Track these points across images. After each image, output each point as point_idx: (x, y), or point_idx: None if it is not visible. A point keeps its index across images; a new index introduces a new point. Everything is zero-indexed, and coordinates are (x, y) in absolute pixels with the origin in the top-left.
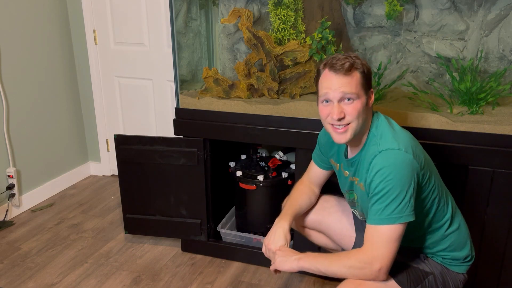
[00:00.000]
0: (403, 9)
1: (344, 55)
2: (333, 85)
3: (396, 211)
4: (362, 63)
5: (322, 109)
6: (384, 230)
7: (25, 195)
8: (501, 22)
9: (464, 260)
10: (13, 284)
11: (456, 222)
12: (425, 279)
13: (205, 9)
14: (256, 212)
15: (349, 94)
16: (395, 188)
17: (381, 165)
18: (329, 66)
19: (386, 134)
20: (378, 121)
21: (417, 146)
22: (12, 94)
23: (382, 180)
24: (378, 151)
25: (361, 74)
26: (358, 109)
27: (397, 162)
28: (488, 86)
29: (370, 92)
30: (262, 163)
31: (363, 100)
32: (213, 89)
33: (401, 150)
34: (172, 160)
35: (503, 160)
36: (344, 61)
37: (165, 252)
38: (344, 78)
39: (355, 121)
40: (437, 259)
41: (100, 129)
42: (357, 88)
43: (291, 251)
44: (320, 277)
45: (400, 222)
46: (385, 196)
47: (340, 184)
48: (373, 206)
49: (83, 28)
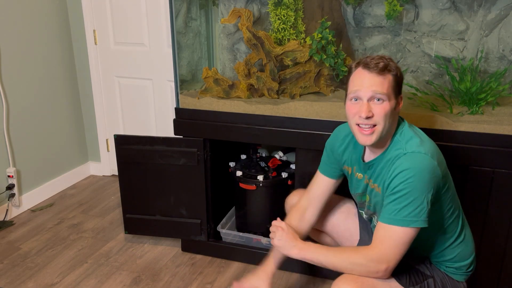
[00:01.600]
0: (403, 9)
1: (379, 55)
2: (365, 83)
3: (412, 215)
4: (396, 66)
5: (350, 107)
6: (397, 231)
7: (25, 195)
8: (501, 22)
9: (466, 270)
10: (13, 284)
11: (463, 235)
12: (424, 280)
13: (205, 9)
14: (256, 212)
15: (380, 94)
16: (415, 191)
17: (404, 167)
18: (363, 64)
19: (412, 139)
20: (403, 128)
21: (440, 155)
22: (12, 94)
23: (403, 181)
24: (403, 153)
25: (394, 77)
26: (386, 111)
27: (422, 166)
28: (488, 87)
29: (399, 98)
30: (262, 163)
31: (392, 103)
32: (213, 89)
33: (427, 155)
34: (172, 160)
35: (503, 160)
36: (378, 61)
37: (165, 252)
38: (376, 77)
39: (382, 123)
40: (440, 267)
41: (100, 129)
42: (388, 90)
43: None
44: (320, 277)
45: (414, 226)
46: (403, 197)
47: (352, 187)
48: (388, 205)
49: (83, 28)
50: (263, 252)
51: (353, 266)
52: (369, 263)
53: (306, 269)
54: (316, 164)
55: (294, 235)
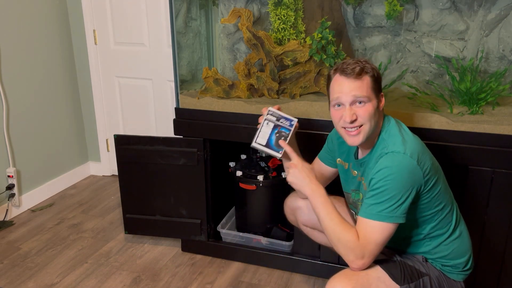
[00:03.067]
0: (403, 9)
1: (354, 59)
2: (345, 89)
3: (387, 210)
4: (372, 67)
5: (334, 113)
6: (373, 225)
7: (25, 195)
8: (501, 22)
9: (463, 268)
10: (13, 284)
11: (459, 230)
12: (420, 278)
13: (205, 9)
14: (256, 212)
15: (361, 97)
16: (392, 189)
17: (384, 165)
18: (340, 71)
19: (395, 138)
20: (389, 125)
21: (425, 153)
22: (12, 94)
23: (382, 179)
24: (385, 152)
25: (372, 78)
26: (370, 112)
27: (400, 165)
28: (488, 87)
29: (380, 96)
30: (262, 163)
31: (374, 103)
32: (213, 89)
33: (406, 155)
34: (172, 160)
35: (503, 160)
36: (354, 66)
37: (165, 252)
38: (355, 82)
39: (367, 123)
40: (436, 265)
41: (100, 129)
42: (368, 91)
43: (307, 174)
44: (319, 277)
45: (389, 222)
46: (380, 194)
47: (346, 184)
48: (367, 199)
49: (83, 28)
50: (263, 252)
51: (337, 243)
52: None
53: (307, 269)
54: None
55: (309, 173)
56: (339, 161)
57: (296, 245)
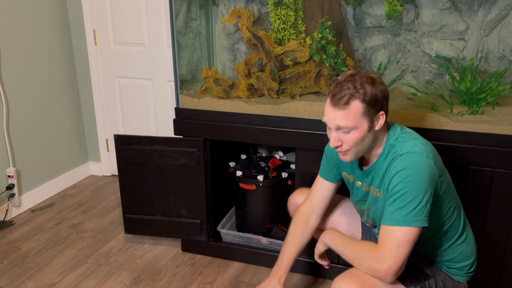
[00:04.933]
0: (403, 9)
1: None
2: (329, 117)
3: (411, 214)
4: (366, 91)
5: (327, 131)
6: (399, 231)
7: (25, 195)
8: (501, 22)
9: (468, 270)
10: (13, 284)
11: (465, 233)
12: (425, 280)
13: (205, 9)
14: (256, 212)
15: (344, 128)
16: (413, 190)
17: (401, 167)
18: (331, 94)
19: (407, 141)
20: (395, 133)
21: (437, 155)
22: (12, 94)
23: (401, 181)
24: (399, 154)
25: (363, 104)
26: (355, 139)
27: (418, 165)
28: (488, 87)
29: (377, 116)
30: (262, 163)
31: (363, 129)
32: (213, 89)
33: (423, 155)
34: (172, 160)
35: (503, 160)
36: (343, 94)
37: (165, 252)
38: (339, 112)
39: (354, 148)
40: (441, 267)
41: (100, 129)
42: (355, 119)
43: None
44: (321, 277)
45: (415, 226)
46: (402, 197)
47: (352, 195)
48: (389, 207)
49: (83, 28)
50: (263, 252)
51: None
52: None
53: (308, 269)
54: (316, 164)
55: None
56: (344, 174)
57: None
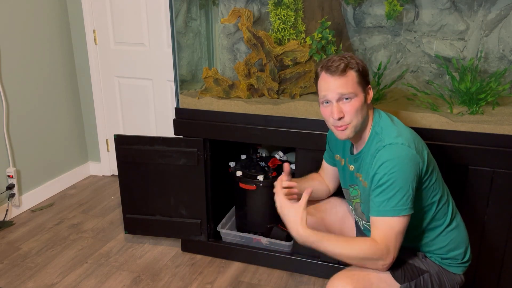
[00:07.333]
0: (403, 9)
1: (339, 56)
2: (330, 87)
3: (400, 203)
4: (357, 62)
5: (323, 110)
6: (395, 221)
7: (25, 195)
8: (501, 22)
9: (462, 260)
10: (13, 284)
11: (455, 221)
12: (420, 276)
13: (205, 9)
14: (256, 212)
15: (346, 94)
16: (399, 181)
17: (385, 158)
18: (325, 69)
19: (390, 130)
20: (380, 119)
21: (420, 141)
22: (12, 94)
23: (387, 172)
24: (382, 145)
25: (357, 73)
26: (356, 107)
27: (401, 155)
28: (488, 87)
29: (367, 89)
30: (262, 163)
31: (361, 98)
32: (213, 89)
33: (405, 145)
34: (172, 160)
35: (503, 160)
36: (338, 63)
37: (165, 252)
38: (340, 79)
39: (355, 119)
40: (435, 259)
41: (100, 129)
42: (354, 87)
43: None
44: (319, 277)
45: (405, 214)
46: (389, 188)
47: (344, 180)
48: (376, 197)
49: (83, 28)
50: (263, 252)
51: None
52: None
53: (307, 269)
54: (316, 164)
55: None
56: (337, 157)
57: (296, 245)
